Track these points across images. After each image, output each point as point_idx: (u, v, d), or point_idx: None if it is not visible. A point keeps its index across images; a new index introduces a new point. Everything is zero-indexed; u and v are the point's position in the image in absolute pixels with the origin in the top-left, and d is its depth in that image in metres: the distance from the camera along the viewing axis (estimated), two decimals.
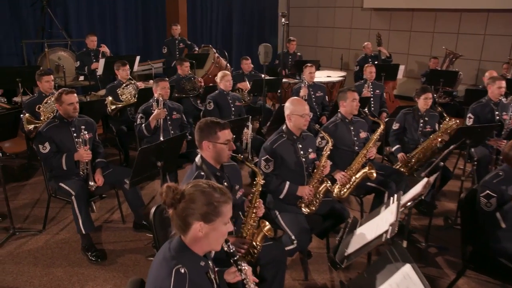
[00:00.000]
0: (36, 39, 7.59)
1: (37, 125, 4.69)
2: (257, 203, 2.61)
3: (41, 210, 4.37)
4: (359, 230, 2.46)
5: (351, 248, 2.30)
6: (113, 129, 5.54)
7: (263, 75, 7.07)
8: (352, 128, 3.98)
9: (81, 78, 7.32)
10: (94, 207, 4.41)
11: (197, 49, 8.07)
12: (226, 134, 2.47)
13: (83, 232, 3.51)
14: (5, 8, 7.36)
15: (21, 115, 4.56)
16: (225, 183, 2.53)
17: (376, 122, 4.20)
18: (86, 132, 3.67)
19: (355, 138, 3.98)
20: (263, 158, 3.18)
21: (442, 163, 3.96)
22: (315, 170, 3.33)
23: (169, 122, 4.58)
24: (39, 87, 4.92)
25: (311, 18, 12.07)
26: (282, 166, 3.20)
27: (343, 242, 2.43)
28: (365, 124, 4.14)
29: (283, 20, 5.01)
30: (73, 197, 3.47)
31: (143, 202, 4.04)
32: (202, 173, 2.45)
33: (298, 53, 8.50)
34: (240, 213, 2.66)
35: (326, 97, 6.34)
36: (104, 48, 6.92)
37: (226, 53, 7.98)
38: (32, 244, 3.82)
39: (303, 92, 5.90)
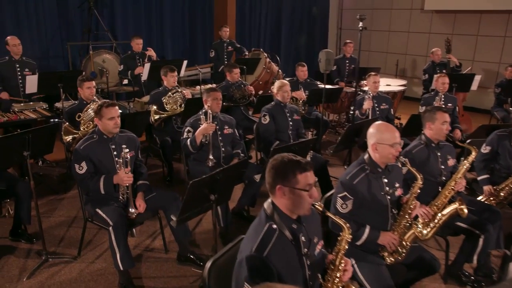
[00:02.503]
0: (81, 41, 7.32)
1: (76, 135, 4.30)
2: (343, 264, 2.01)
3: (77, 231, 3.97)
4: None
5: None
6: (156, 140, 5.10)
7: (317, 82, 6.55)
8: (439, 154, 3.31)
9: (125, 81, 6.97)
10: (134, 232, 3.94)
11: (247, 53, 7.55)
12: (308, 178, 1.89)
13: (121, 268, 3.03)
14: (53, 10, 7.14)
15: (61, 121, 4.19)
16: (303, 238, 1.95)
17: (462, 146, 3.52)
18: (127, 150, 3.20)
19: (443, 167, 3.31)
20: (339, 195, 2.58)
21: None
22: (401, 212, 2.69)
23: (220, 138, 4.07)
24: (80, 94, 4.53)
25: (364, 21, 11.31)
26: (362, 206, 2.58)
27: None
28: (453, 150, 3.46)
29: (360, 24, 4.36)
30: (110, 228, 3.00)
31: (189, 231, 3.54)
32: (274, 226, 1.88)
33: (356, 58, 7.79)
34: (320, 276, 2.07)
35: (392, 110, 5.66)
36: (151, 52, 6.52)
37: (278, 58, 7.41)
38: (65, 274, 3.39)
39: (368, 104, 5.25)
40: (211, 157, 3.92)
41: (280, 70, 7.50)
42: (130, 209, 3.18)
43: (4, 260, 3.56)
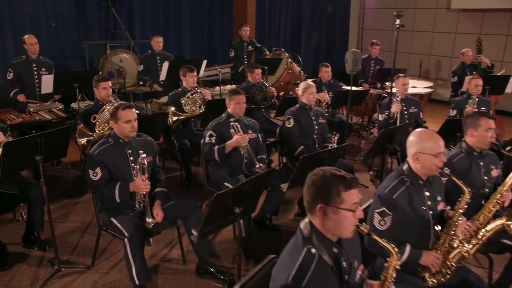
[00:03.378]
0: (99, 40, 7.19)
1: (90, 138, 4.13)
2: None
3: (92, 238, 3.79)
4: None
5: None
6: (174, 143, 4.90)
7: (340, 84, 6.28)
8: (482, 164, 3.03)
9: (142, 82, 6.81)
10: (151, 241, 3.74)
11: (267, 52, 7.31)
12: (353, 196, 1.65)
13: (137, 283, 2.82)
14: (72, 8, 7.02)
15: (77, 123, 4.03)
16: (344, 263, 1.71)
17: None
18: (144, 155, 3.00)
19: (486, 177, 3.03)
20: (377, 211, 2.33)
21: None
22: (445, 229, 2.43)
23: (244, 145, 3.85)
24: (96, 94, 4.37)
25: (386, 20, 10.98)
26: (402, 222, 2.33)
27: None
28: (497, 159, 3.18)
29: (397, 21, 4.08)
30: (126, 240, 2.80)
31: (210, 243, 3.32)
32: (313, 251, 1.64)
33: (382, 59, 7.51)
34: None
35: (421, 113, 5.36)
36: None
37: (299, 58, 7.16)
38: (78, 285, 3.20)
39: (396, 107, 4.97)
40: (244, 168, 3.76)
41: (302, 71, 7.23)
42: (147, 219, 2.97)
43: (16, 268, 3.40)
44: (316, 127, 4.41)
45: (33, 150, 2.93)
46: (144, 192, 2.96)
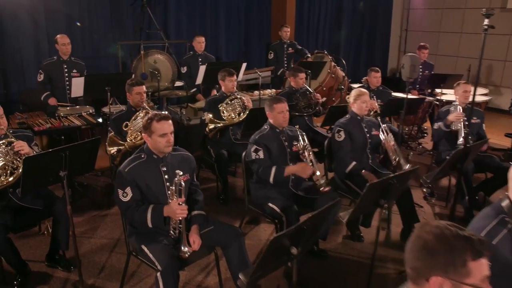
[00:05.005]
0: (133, 40, 6.92)
1: (121, 147, 3.79)
2: None
3: (120, 258, 3.45)
4: None
5: None
6: (211, 153, 4.52)
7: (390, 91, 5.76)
8: None
9: (179, 83, 6.48)
10: None
11: (309, 55, 6.84)
12: (483, 267, 1.20)
13: None
14: (106, 8, 6.78)
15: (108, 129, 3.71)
16: None
17: None
18: (181, 173, 2.62)
19: None
20: None
21: None
22: None
23: (289, 157, 3.43)
24: (129, 99, 4.03)
25: (432, 21, 10.35)
26: (504, 274, 1.83)
27: None
28: None
29: (486, 21, 3.57)
30: (158, 274, 2.41)
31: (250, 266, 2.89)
32: None
33: (431, 63, 6.92)
34: None
35: (484, 125, 4.78)
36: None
37: (344, 61, 6.66)
38: None
39: (455, 116, 4.39)
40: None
41: (345, 76, 6.72)
42: (183, 247, 2.58)
43: None
44: (369, 140, 3.93)
45: (57, 165, 2.58)
46: (181, 218, 2.57)
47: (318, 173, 3.32)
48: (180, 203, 2.51)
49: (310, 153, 3.41)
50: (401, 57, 10.76)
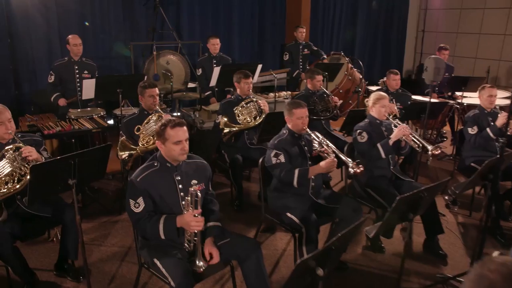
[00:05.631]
0: (145, 41, 6.80)
1: (133, 152, 3.66)
2: None
3: (131, 268, 3.31)
4: None
5: None
6: (225, 157, 4.37)
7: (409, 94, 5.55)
8: None
9: (192, 84, 6.34)
10: None
11: (325, 56, 6.65)
12: None
13: None
14: (118, 8, 6.67)
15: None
16: None
17: None
18: (196, 182, 2.46)
19: None
20: None
21: None
22: None
23: (310, 162, 3.26)
24: (141, 102, 3.89)
25: (450, 22, 10.09)
26: None
27: None
28: None
29: None
30: None
31: (267, 284, 2.71)
32: None
33: (451, 65, 6.69)
34: None
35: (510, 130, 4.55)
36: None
37: (361, 63, 6.47)
38: None
39: (503, 118, 4.13)
40: None
41: (363, 78, 6.52)
42: (198, 262, 2.43)
43: None
44: None
45: (66, 172, 2.45)
46: (196, 231, 2.42)
47: (343, 157, 3.15)
48: (196, 215, 2.36)
49: (328, 144, 3.25)
50: (418, 59, 10.63)
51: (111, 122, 4.84)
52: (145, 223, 2.44)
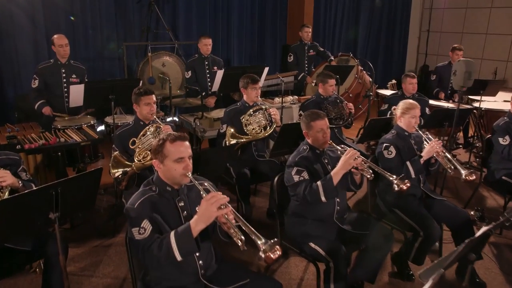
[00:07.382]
0: (139, 41, 6.33)
1: (128, 169, 3.19)
2: None
3: None
4: None
5: None
6: (231, 172, 3.91)
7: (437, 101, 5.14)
8: None
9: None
10: None
11: (332, 58, 6.21)
12: None
13: None
14: (110, 6, 6.19)
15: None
16: None
17: None
18: None
19: None
20: None
21: None
22: None
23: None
24: (136, 111, 3.42)
25: (455, 21, 9.75)
26: None
27: None
28: None
29: None
30: None
31: None
32: None
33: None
34: None
35: None
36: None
37: (371, 65, 6.04)
38: None
39: None
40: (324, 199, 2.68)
41: (372, 81, 6.08)
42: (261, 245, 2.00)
43: None
44: None
45: (46, 205, 1.97)
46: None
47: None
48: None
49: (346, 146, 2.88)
50: (421, 59, 10.27)
51: (102, 128, 4.35)
52: (152, 246, 1.93)
